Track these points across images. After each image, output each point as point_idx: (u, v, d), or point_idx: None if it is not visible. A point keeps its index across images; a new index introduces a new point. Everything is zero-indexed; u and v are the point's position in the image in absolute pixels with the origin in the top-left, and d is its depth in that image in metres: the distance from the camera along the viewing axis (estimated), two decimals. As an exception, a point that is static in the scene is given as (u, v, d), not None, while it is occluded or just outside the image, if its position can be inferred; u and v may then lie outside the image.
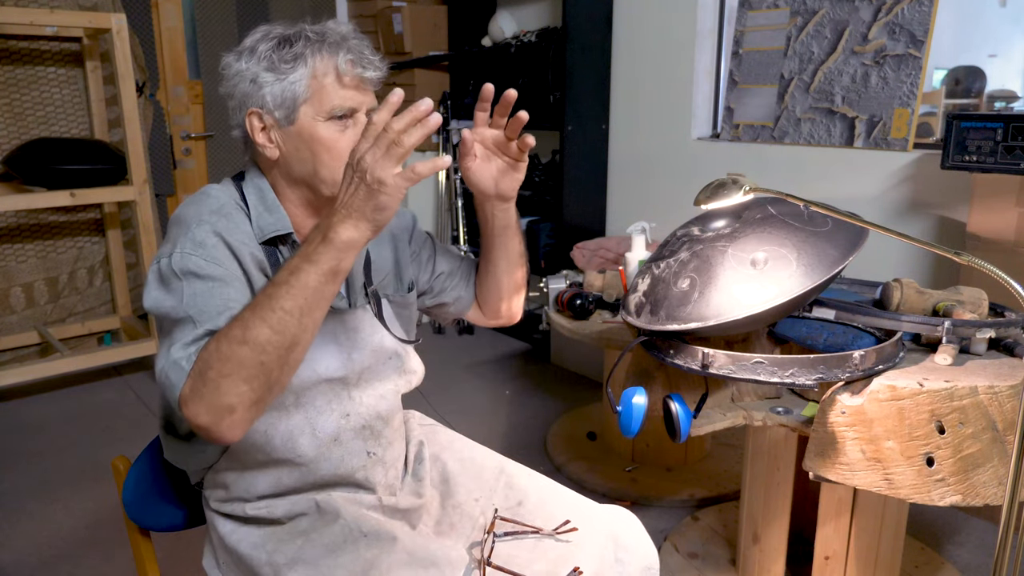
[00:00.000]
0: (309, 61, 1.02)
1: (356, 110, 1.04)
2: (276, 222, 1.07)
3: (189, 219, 1.01)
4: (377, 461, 1.16)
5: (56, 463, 2.60)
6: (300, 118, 1.03)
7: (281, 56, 1.02)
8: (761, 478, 1.67)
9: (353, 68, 1.02)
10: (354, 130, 1.04)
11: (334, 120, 1.03)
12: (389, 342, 1.18)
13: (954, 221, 2.27)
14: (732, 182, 1.16)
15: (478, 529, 1.20)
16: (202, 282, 0.95)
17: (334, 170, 1.04)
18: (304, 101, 1.02)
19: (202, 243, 0.98)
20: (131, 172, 3.04)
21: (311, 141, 1.03)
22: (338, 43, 1.03)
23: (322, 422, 1.10)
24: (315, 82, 1.02)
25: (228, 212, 1.04)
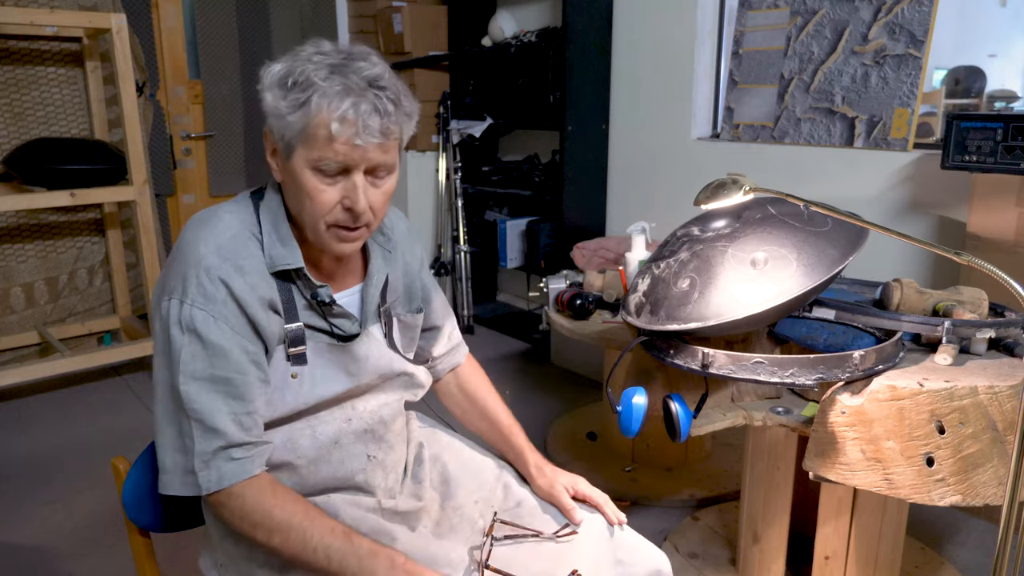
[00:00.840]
0: (308, 106, 0.95)
1: (350, 168, 0.99)
2: (287, 255, 1.05)
3: (198, 260, 1.00)
4: (377, 465, 1.16)
5: (56, 463, 2.60)
6: (294, 159, 0.99)
7: (289, 90, 0.97)
8: (761, 478, 1.67)
9: (347, 129, 0.95)
10: (344, 185, 1.00)
11: (323, 173, 0.99)
12: (397, 365, 1.18)
13: (954, 221, 2.27)
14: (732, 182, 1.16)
15: (477, 531, 1.20)
16: (202, 348, 0.99)
17: (314, 218, 1.02)
18: (298, 144, 0.98)
19: (212, 298, 0.99)
20: (131, 172, 3.04)
21: (298, 186, 1.00)
22: (343, 94, 0.95)
23: (323, 426, 1.10)
24: (309, 130, 0.96)
25: (237, 247, 1.02)
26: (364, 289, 1.16)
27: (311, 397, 1.08)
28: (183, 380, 0.98)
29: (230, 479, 0.98)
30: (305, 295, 1.08)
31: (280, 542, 0.98)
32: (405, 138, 1.04)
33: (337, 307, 1.10)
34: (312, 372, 1.08)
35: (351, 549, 0.98)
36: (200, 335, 0.99)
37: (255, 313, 1.02)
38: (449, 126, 3.85)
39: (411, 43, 3.81)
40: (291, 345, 1.06)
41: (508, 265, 3.74)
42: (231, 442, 0.99)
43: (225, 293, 1.00)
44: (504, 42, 3.58)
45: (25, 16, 2.79)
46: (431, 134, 3.94)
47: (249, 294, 1.01)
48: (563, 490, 1.21)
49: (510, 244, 3.70)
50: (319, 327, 1.09)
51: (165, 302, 1.01)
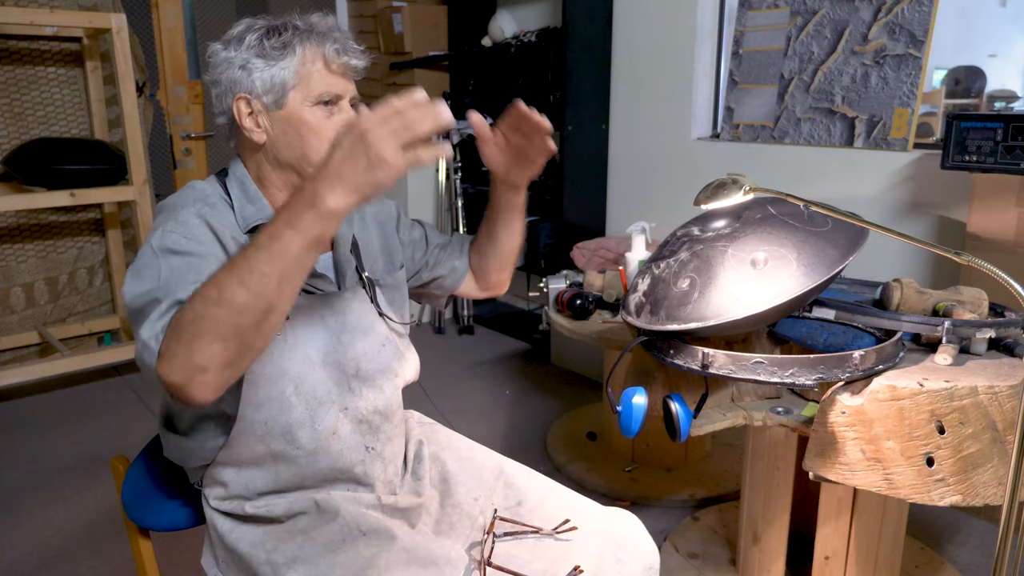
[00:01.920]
0: (298, 49, 1.07)
1: (341, 96, 1.09)
2: (258, 211, 1.09)
3: (173, 206, 1.05)
4: (376, 456, 1.16)
5: (56, 463, 2.60)
6: (289, 103, 1.07)
7: (271, 44, 1.07)
8: (761, 478, 1.67)
9: (340, 56, 1.08)
10: (339, 116, 1.09)
11: (321, 105, 1.07)
12: (381, 327, 1.18)
13: (954, 221, 2.27)
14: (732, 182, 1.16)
15: (477, 529, 1.20)
16: (179, 258, 0.97)
17: (321, 152, 1.02)
18: (293, 87, 1.07)
19: (184, 222, 1.01)
20: (131, 172, 3.04)
21: (299, 125, 1.07)
22: (325, 33, 1.09)
23: (321, 414, 1.10)
24: (304, 68, 1.07)
25: (213, 202, 1.08)
26: (335, 253, 1.18)
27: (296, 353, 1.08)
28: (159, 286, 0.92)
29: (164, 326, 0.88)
30: None
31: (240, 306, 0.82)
32: None
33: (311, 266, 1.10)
34: (295, 329, 1.09)
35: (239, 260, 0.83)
36: (175, 250, 0.96)
37: (231, 249, 1.03)
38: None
39: (411, 43, 3.82)
40: None
41: (508, 265, 3.74)
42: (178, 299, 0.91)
43: (200, 222, 1.02)
44: (504, 42, 3.58)
45: (25, 16, 2.79)
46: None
47: (225, 232, 1.04)
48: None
49: (510, 244, 3.70)
50: None
51: (140, 251, 1.00)
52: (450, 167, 3.93)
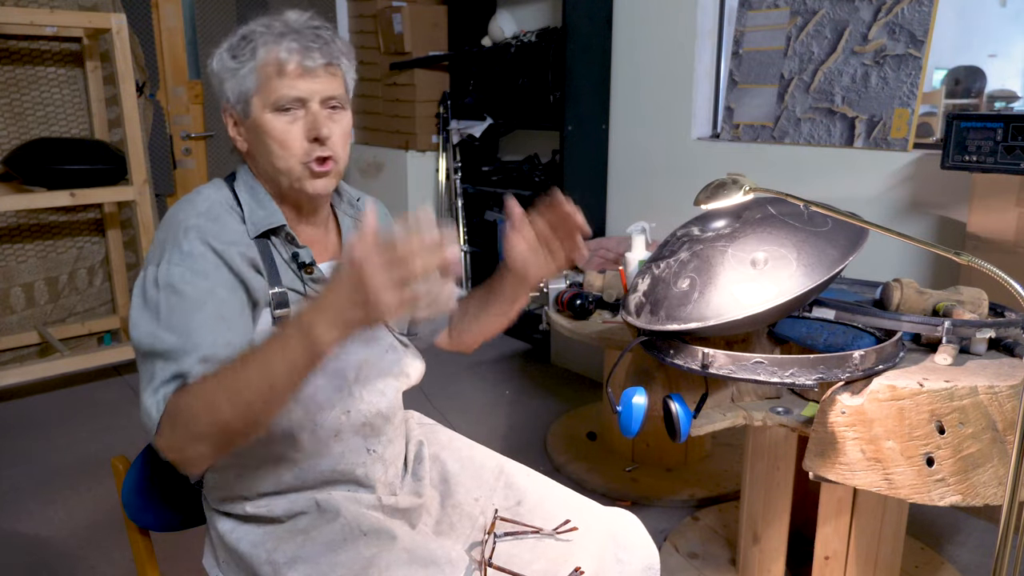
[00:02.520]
0: (257, 53, 1.04)
1: (305, 99, 1.05)
2: (268, 216, 1.08)
3: (178, 225, 1.02)
4: (377, 458, 1.16)
5: (56, 463, 2.60)
6: (253, 111, 1.05)
7: (235, 51, 1.05)
8: (761, 478, 1.67)
9: (296, 57, 1.03)
10: (305, 120, 1.05)
11: (281, 111, 1.04)
12: (383, 335, 1.18)
13: (954, 221, 2.27)
14: (732, 182, 1.16)
15: (477, 529, 1.20)
16: (179, 299, 0.96)
17: (287, 160, 1.06)
18: (254, 94, 1.05)
19: (189, 253, 0.99)
20: (131, 172, 3.04)
21: (262, 133, 1.06)
22: (283, 33, 1.04)
23: (323, 418, 1.10)
24: (261, 74, 1.04)
25: (217, 214, 1.05)
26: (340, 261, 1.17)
27: None
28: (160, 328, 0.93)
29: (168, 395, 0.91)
30: (284, 256, 1.09)
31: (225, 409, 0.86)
32: (348, 80, 1.12)
33: (317, 271, 1.11)
34: None
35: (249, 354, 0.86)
36: (176, 288, 0.96)
37: (239, 268, 1.02)
38: (449, 126, 3.85)
39: (411, 43, 3.81)
40: (276, 307, 1.06)
41: (508, 265, 3.74)
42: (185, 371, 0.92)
43: (205, 249, 1.00)
44: (504, 42, 3.58)
45: (25, 16, 2.79)
46: (431, 134, 3.94)
47: (231, 250, 1.02)
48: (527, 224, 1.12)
49: (510, 244, 3.69)
50: (299, 291, 1.10)
51: (142, 273, 1.00)
52: (450, 167, 3.93)
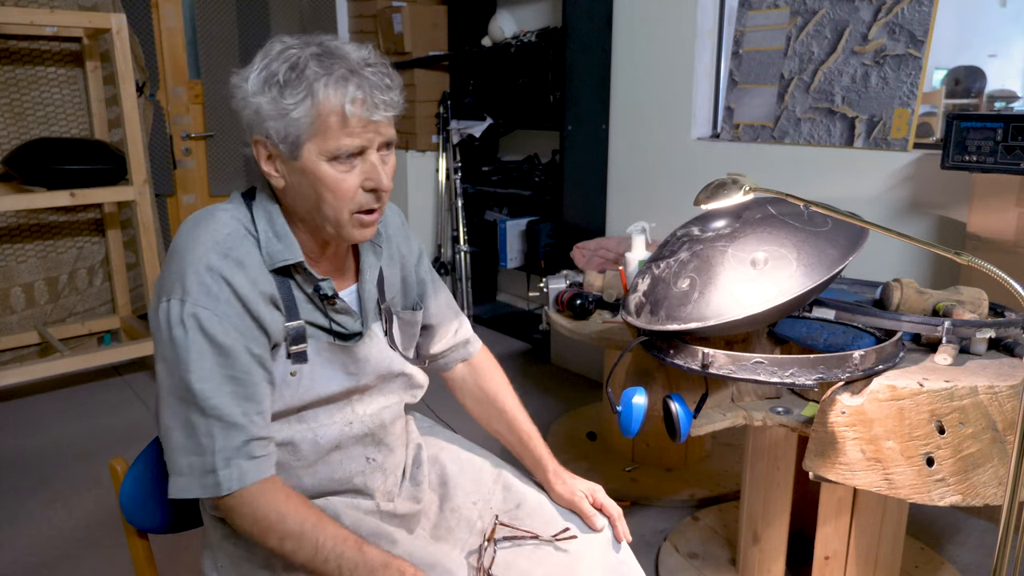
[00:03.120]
0: (314, 98, 0.95)
1: (365, 147, 0.99)
2: (285, 250, 1.04)
3: (198, 260, 0.98)
4: (377, 468, 1.16)
5: (56, 463, 2.60)
6: (304, 155, 0.98)
7: (284, 89, 0.96)
8: (761, 478, 1.67)
9: (360, 109, 0.96)
10: (362, 167, 1.00)
11: (339, 160, 0.98)
12: (397, 365, 1.17)
13: (954, 221, 2.27)
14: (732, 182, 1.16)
15: (476, 533, 1.20)
16: (209, 346, 0.97)
17: (337, 209, 1.01)
18: (308, 139, 0.97)
19: (215, 296, 0.97)
20: (131, 172, 3.04)
21: (314, 180, 0.99)
22: (346, 77, 0.95)
23: (325, 430, 1.10)
24: (319, 121, 0.96)
25: (234, 244, 1.01)
26: (360, 287, 1.15)
27: (308, 395, 1.07)
28: (195, 379, 0.96)
29: (252, 477, 0.97)
30: (306, 291, 1.07)
31: (291, 548, 0.97)
32: None
33: (340, 302, 1.09)
34: (312, 371, 1.07)
35: (362, 560, 0.96)
36: (206, 334, 0.97)
37: (257, 309, 1.00)
38: (449, 126, 3.85)
39: (411, 43, 3.82)
40: (292, 343, 1.05)
41: (508, 265, 3.74)
42: (252, 436, 0.98)
43: (228, 292, 0.98)
44: (504, 42, 3.58)
45: (25, 16, 2.79)
46: (431, 134, 3.94)
47: (251, 290, 1.00)
48: (583, 497, 1.20)
49: (510, 244, 3.70)
50: (320, 325, 1.09)
51: (164, 304, 0.98)
52: (450, 167, 3.93)
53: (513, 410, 1.30)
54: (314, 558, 0.97)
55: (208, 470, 0.97)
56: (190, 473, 0.97)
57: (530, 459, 1.27)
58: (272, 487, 1.00)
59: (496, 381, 1.33)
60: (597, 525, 1.18)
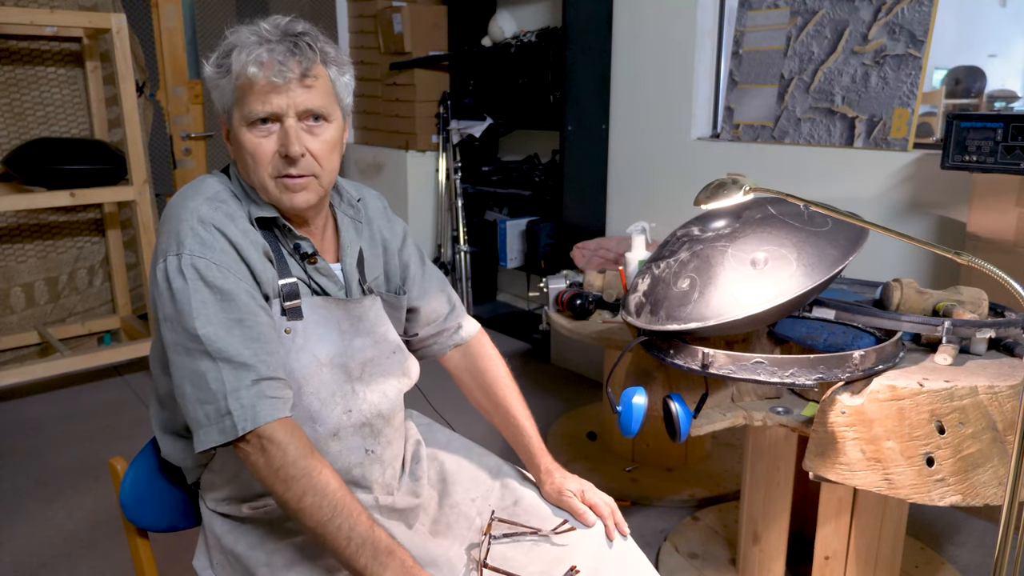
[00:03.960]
0: (233, 66, 1.01)
1: (279, 115, 1.02)
2: (261, 208, 1.08)
3: (190, 213, 1.02)
4: (375, 459, 1.16)
5: (56, 463, 2.60)
6: (233, 123, 1.05)
7: (218, 62, 1.04)
8: (761, 478, 1.67)
9: (267, 72, 1.00)
10: (278, 135, 1.03)
11: (257, 124, 1.03)
12: (392, 335, 1.18)
13: (954, 221, 2.27)
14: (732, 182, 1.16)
15: (474, 529, 1.20)
16: (210, 293, 0.98)
17: (259, 174, 1.05)
18: (232, 106, 1.04)
19: (210, 245, 1.00)
20: (131, 172, 3.04)
21: (239, 147, 1.05)
22: (258, 44, 1.01)
23: (324, 416, 1.09)
24: (237, 88, 1.02)
25: (224, 199, 1.06)
26: (342, 261, 1.17)
27: (304, 355, 1.07)
28: (200, 324, 0.96)
29: (266, 416, 0.95)
30: (288, 249, 1.10)
31: (310, 505, 0.94)
32: (340, 90, 1.09)
33: (321, 261, 1.11)
34: (306, 328, 1.08)
35: (371, 538, 0.95)
36: (207, 281, 0.98)
37: (250, 257, 1.03)
38: (449, 126, 3.85)
39: (411, 43, 3.82)
40: (286, 299, 1.06)
41: (508, 265, 3.74)
42: (262, 375, 0.97)
43: (223, 240, 1.01)
44: (504, 42, 3.58)
45: (25, 16, 2.79)
46: (431, 134, 3.94)
47: (243, 239, 1.03)
48: (572, 495, 1.20)
49: (510, 244, 3.70)
50: (307, 284, 1.11)
51: (161, 263, 1.00)
52: (450, 167, 3.93)
53: (508, 403, 1.29)
54: (328, 522, 0.94)
55: (223, 413, 0.95)
56: (207, 422, 0.96)
57: (524, 455, 1.28)
58: (292, 430, 0.97)
59: (492, 372, 1.31)
60: (588, 521, 1.17)
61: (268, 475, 0.95)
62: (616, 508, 1.20)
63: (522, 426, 1.27)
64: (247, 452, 0.96)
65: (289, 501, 0.95)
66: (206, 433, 0.96)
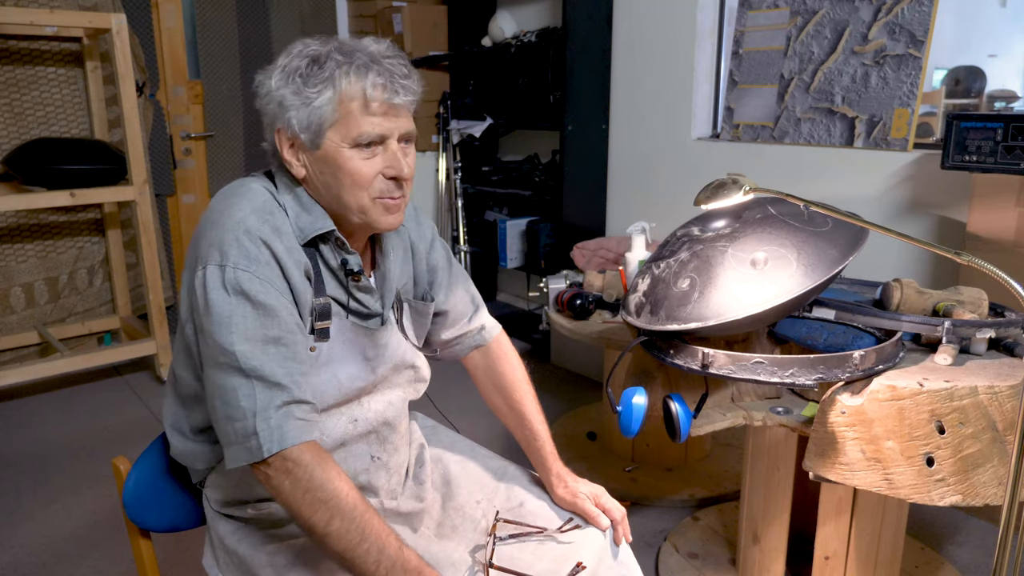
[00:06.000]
0: (335, 85, 0.99)
1: (386, 136, 1.02)
2: (315, 221, 1.05)
3: (235, 222, 0.99)
4: (381, 466, 1.16)
5: (56, 463, 2.60)
6: (326, 143, 1.01)
7: (307, 79, 0.99)
8: (761, 478, 1.67)
9: (381, 93, 0.99)
10: (383, 156, 1.02)
11: (360, 147, 1.01)
12: (409, 356, 1.18)
13: (954, 221, 2.27)
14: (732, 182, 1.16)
15: (479, 531, 1.20)
16: (252, 307, 0.96)
17: (359, 197, 1.03)
18: (330, 126, 1.00)
19: (255, 258, 0.97)
20: (131, 172, 3.04)
21: (335, 167, 1.02)
22: (366, 65, 0.99)
23: (330, 426, 1.10)
24: (342, 107, 0.99)
25: (271, 211, 1.03)
26: (378, 273, 1.16)
27: (325, 374, 1.06)
28: (237, 341, 0.95)
29: (293, 438, 0.94)
30: (331, 266, 1.07)
31: (338, 528, 0.93)
32: None
33: (364, 280, 1.10)
34: (331, 349, 1.07)
35: (400, 561, 0.94)
36: (249, 296, 0.96)
37: (292, 276, 1.01)
38: (449, 126, 3.85)
39: (411, 43, 3.82)
40: (318, 319, 1.05)
41: (508, 265, 3.74)
42: (294, 398, 0.96)
43: (268, 254, 0.98)
44: (504, 42, 3.58)
45: (25, 16, 2.79)
46: (431, 134, 3.94)
47: (287, 257, 1.00)
48: (586, 498, 1.19)
49: (510, 244, 3.70)
50: (341, 302, 1.09)
51: (200, 271, 0.97)
52: (450, 167, 3.93)
53: (523, 406, 1.28)
54: (357, 546, 0.92)
55: (250, 433, 0.94)
56: (236, 440, 0.95)
57: (536, 459, 1.27)
58: (317, 453, 0.95)
59: (510, 375, 1.31)
60: (602, 525, 1.17)
61: (294, 499, 0.94)
62: (625, 516, 1.21)
63: (536, 431, 1.27)
64: (269, 475, 0.94)
65: (316, 525, 0.93)
66: (235, 451, 0.95)
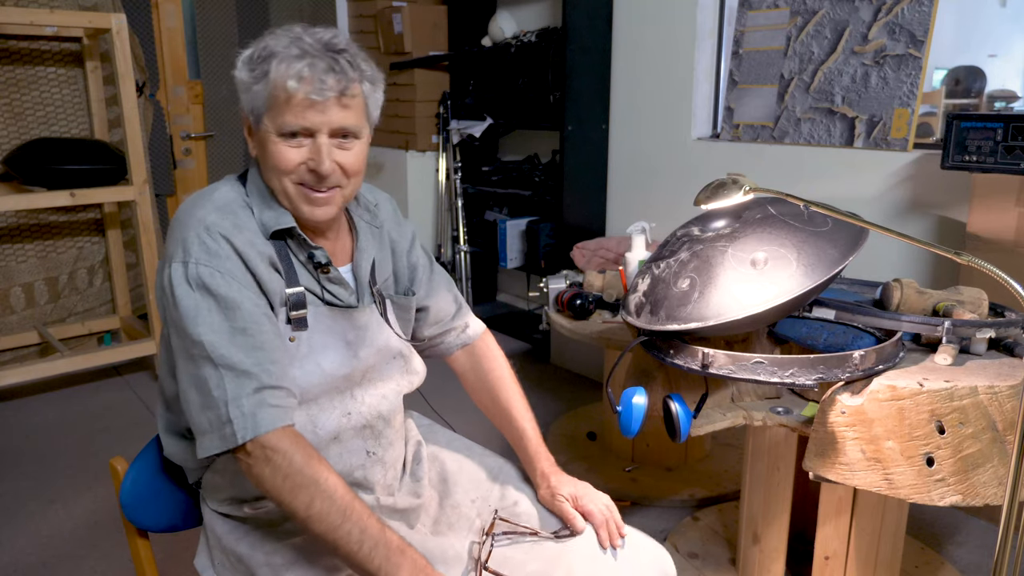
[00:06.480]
0: (268, 74, 1.01)
1: (312, 130, 1.02)
2: (277, 217, 1.07)
3: (198, 221, 1.02)
4: (376, 461, 1.16)
5: (56, 463, 2.60)
6: (262, 128, 1.05)
7: (252, 65, 1.03)
8: (761, 478, 1.67)
9: (305, 87, 1.00)
10: (309, 149, 1.03)
11: (286, 137, 1.03)
12: (395, 342, 1.18)
13: (954, 221, 2.27)
14: (732, 182, 1.16)
15: (475, 530, 1.20)
16: (214, 301, 0.98)
17: (282, 183, 1.06)
18: (264, 113, 1.03)
19: (215, 253, 1.00)
20: (131, 172, 3.04)
21: (264, 151, 1.05)
22: (300, 57, 1.00)
23: (323, 420, 1.10)
24: (271, 97, 1.02)
25: (233, 210, 1.06)
26: (355, 265, 1.17)
27: (308, 364, 1.07)
28: (203, 332, 0.97)
29: (267, 425, 0.95)
30: (300, 259, 1.09)
31: (319, 510, 0.93)
32: (372, 106, 1.09)
33: (333, 271, 1.11)
34: (311, 338, 1.08)
35: (382, 540, 0.95)
36: (210, 290, 0.98)
37: (256, 267, 1.02)
38: (449, 126, 3.85)
39: (411, 43, 3.82)
40: (293, 308, 1.06)
41: (508, 265, 3.74)
42: (264, 384, 0.97)
43: (228, 248, 1.01)
44: (504, 42, 3.58)
45: (25, 16, 2.79)
46: (431, 134, 3.94)
47: (250, 248, 1.02)
48: (564, 500, 1.19)
49: (510, 244, 3.70)
50: (315, 293, 1.10)
51: (167, 269, 1.01)
52: (450, 167, 3.93)
53: (510, 404, 1.29)
54: (339, 527, 0.93)
55: (224, 421, 0.95)
56: (209, 429, 0.97)
57: (523, 457, 1.28)
58: (294, 439, 0.97)
59: (496, 373, 1.32)
60: (578, 527, 1.16)
61: (274, 485, 0.95)
62: (615, 511, 1.19)
63: (522, 428, 1.27)
64: (249, 463, 0.96)
65: (297, 510, 0.94)
66: (208, 440, 0.97)
